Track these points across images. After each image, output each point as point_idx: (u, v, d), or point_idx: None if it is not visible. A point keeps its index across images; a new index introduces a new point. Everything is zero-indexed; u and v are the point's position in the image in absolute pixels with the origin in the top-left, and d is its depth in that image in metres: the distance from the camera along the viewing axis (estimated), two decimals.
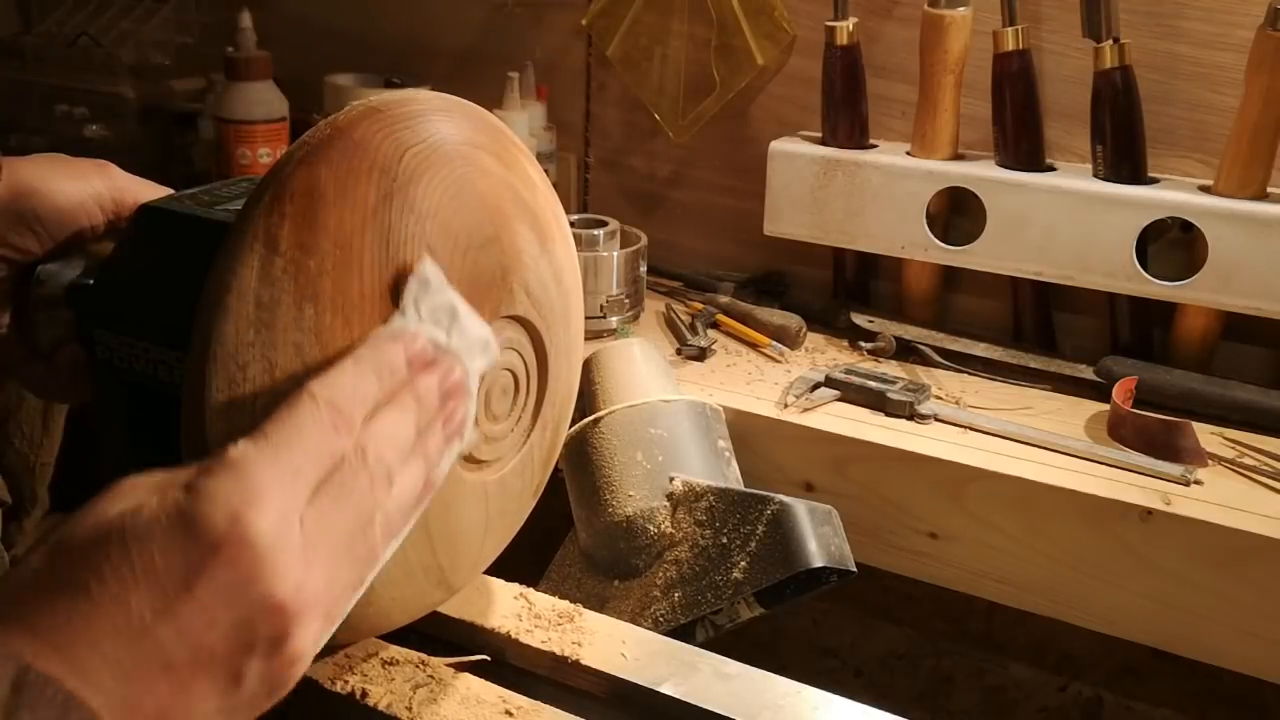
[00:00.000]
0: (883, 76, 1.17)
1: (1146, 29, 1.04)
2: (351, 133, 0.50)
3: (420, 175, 0.51)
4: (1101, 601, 0.89)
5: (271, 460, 0.41)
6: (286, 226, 0.48)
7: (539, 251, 0.59)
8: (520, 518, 0.66)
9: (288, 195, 0.48)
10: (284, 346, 0.48)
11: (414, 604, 0.61)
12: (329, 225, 0.48)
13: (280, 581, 0.40)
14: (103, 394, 0.58)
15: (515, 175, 0.58)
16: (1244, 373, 1.03)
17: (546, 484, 0.67)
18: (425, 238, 0.51)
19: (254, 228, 0.48)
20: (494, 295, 0.56)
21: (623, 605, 0.83)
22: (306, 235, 0.48)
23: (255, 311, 0.47)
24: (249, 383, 0.48)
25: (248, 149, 1.32)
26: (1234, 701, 1.07)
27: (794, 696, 0.60)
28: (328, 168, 0.49)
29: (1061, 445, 0.93)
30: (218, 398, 0.47)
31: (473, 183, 0.54)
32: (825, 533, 0.80)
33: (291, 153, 0.50)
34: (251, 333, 0.47)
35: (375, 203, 0.49)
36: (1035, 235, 1.04)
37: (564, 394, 0.65)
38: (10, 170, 0.60)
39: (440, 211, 0.52)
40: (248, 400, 0.48)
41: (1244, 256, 0.96)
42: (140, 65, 1.51)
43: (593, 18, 1.30)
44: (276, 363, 0.48)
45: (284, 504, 0.40)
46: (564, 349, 0.63)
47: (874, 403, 1.00)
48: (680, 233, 1.34)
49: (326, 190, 0.48)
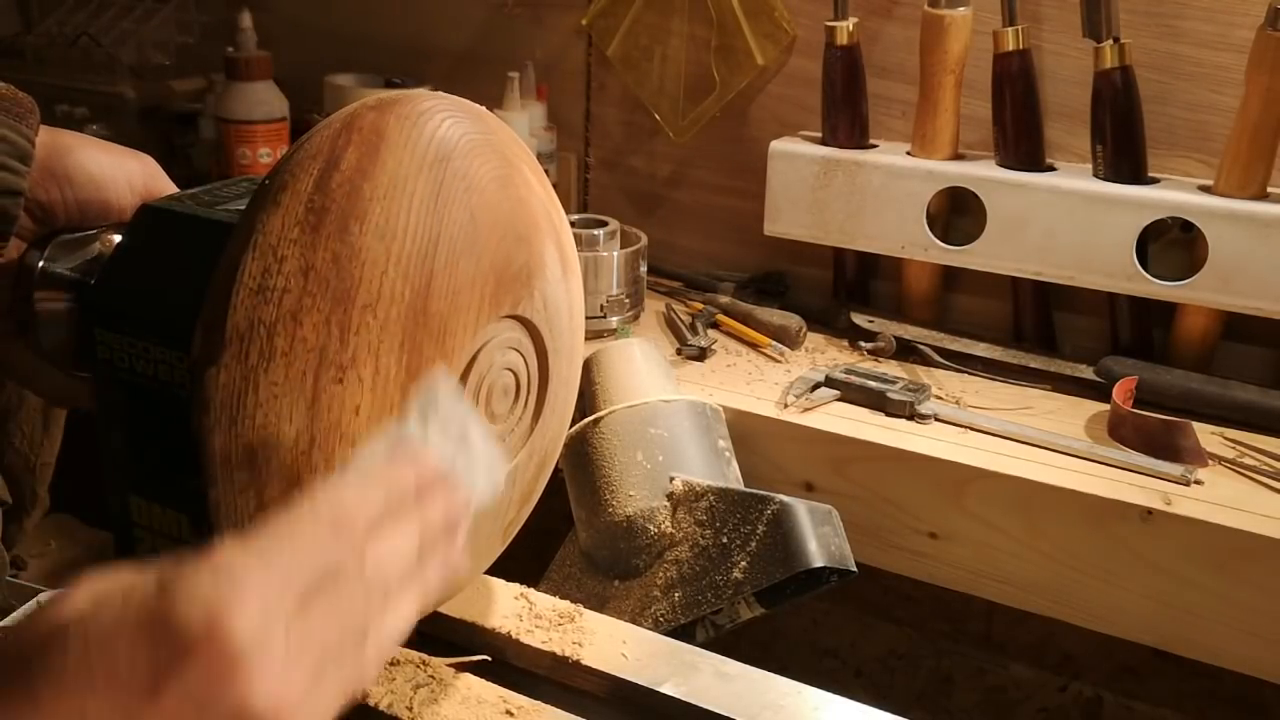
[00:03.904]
0: (883, 76, 1.17)
1: (1146, 29, 1.04)
2: (419, 102, 0.53)
3: (474, 155, 0.54)
4: (1101, 601, 0.89)
5: (259, 562, 0.38)
6: (351, 150, 0.50)
7: (560, 276, 0.61)
8: (486, 554, 0.65)
9: (357, 127, 0.51)
10: (324, 252, 0.48)
11: None
12: (388, 163, 0.51)
13: (258, 688, 0.36)
14: (103, 394, 0.58)
15: (550, 201, 0.61)
16: (1244, 373, 1.03)
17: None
18: (470, 206, 0.53)
19: (320, 144, 0.50)
20: (516, 290, 0.57)
21: (623, 605, 0.83)
22: (368, 163, 0.50)
23: (305, 213, 0.49)
24: (282, 277, 0.48)
25: (248, 149, 1.32)
26: (1234, 701, 1.07)
27: (794, 696, 0.60)
28: (396, 120, 0.52)
29: (1062, 445, 0.93)
30: (249, 284, 0.48)
31: (516, 185, 0.57)
32: (825, 533, 0.80)
33: (364, 101, 0.53)
34: (296, 231, 0.48)
35: (433, 160, 0.52)
36: (1035, 235, 1.04)
37: (556, 427, 0.65)
38: (54, 133, 0.60)
39: (486, 191, 0.54)
40: (276, 294, 0.48)
41: (1244, 256, 0.96)
42: (140, 65, 1.51)
43: (593, 18, 1.30)
44: (313, 265, 0.48)
45: (268, 607, 0.37)
46: (564, 380, 0.64)
47: (874, 403, 1.00)
48: (680, 233, 1.34)
49: (392, 135, 0.51)
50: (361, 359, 0.49)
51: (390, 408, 0.51)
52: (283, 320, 0.48)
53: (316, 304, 0.48)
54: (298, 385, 0.48)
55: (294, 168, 0.50)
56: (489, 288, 0.55)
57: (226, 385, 0.48)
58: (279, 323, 0.48)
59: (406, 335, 0.51)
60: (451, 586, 0.59)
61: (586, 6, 1.31)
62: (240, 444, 0.48)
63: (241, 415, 0.48)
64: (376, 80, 1.40)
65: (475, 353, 0.55)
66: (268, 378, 0.48)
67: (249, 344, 0.48)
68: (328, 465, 0.50)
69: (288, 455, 0.49)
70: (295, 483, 0.49)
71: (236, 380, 0.48)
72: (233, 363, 0.47)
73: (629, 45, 1.28)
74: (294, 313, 0.47)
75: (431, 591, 0.45)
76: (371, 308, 0.49)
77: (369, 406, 0.50)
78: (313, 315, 0.48)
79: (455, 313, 0.53)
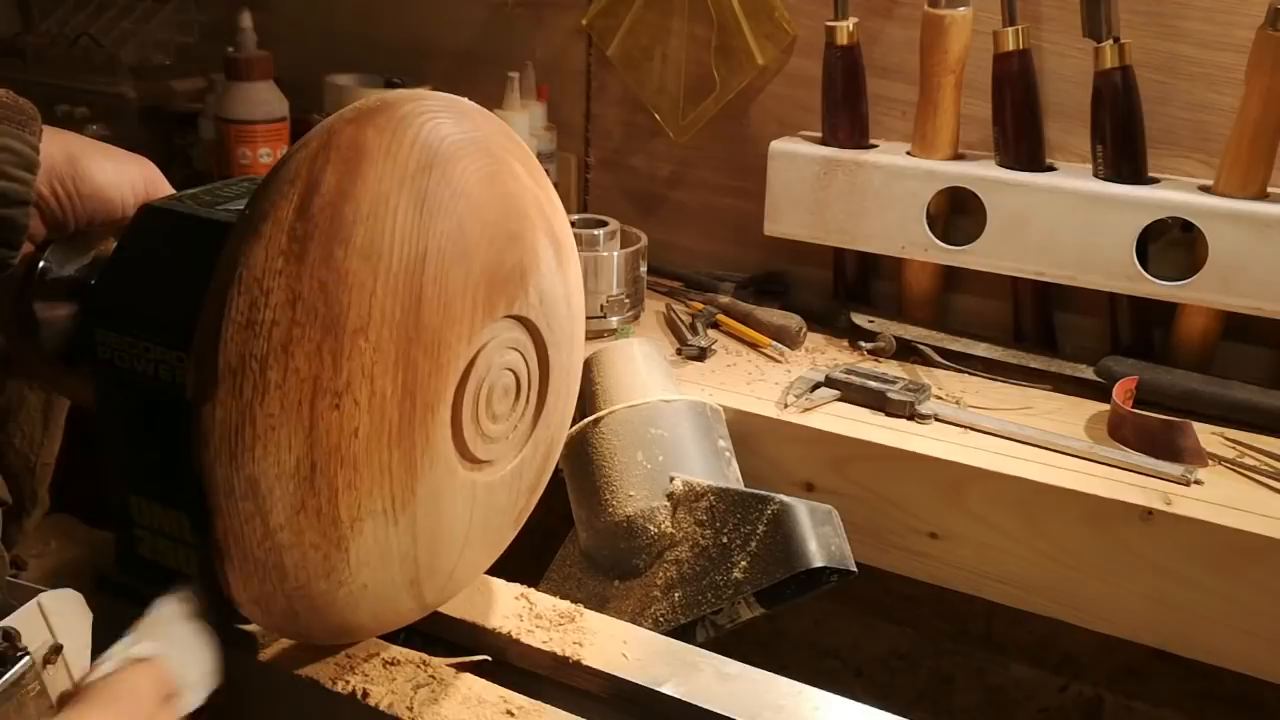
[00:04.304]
0: (883, 76, 1.17)
1: (1146, 29, 1.04)
2: (398, 108, 0.52)
3: (459, 157, 0.53)
4: (1102, 602, 0.89)
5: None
6: (330, 171, 0.49)
7: (555, 266, 0.60)
8: (498, 544, 0.65)
9: (334, 145, 0.50)
10: (310, 281, 0.48)
11: (382, 600, 0.58)
12: (369, 178, 0.50)
13: None
14: (103, 394, 0.58)
15: (541, 190, 0.60)
16: (1244, 373, 1.03)
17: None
18: (457, 213, 0.52)
19: (297, 168, 0.49)
20: (510, 291, 0.57)
21: (623, 605, 0.83)
22: (348, 183, 0.49)
23: (288, 242, 0.48)
24: (269, 310, 0.47)
25: (248, 149, 1.32)
26: (1234, 701, 1.07)
27: (795, 697, 0.60)
28: (375, 131, 0.51)
29: (1062, 445, 0.93)
30: (237, 319, 0.47)
31: (504, 181, 0.56)
32: (825, 533, 0.80)
33: (340, 114, 0.52)
34: (280, 261, 0.48)
35: (415, 170, 0.51)
36: (1035, 235, 1.04)
37: (560, 414, 0.65)
38: (61, 140, 0.60)
39: (473, 194, 0.53)
40: (265, 326, 0.47)
41: (1244, 256, 0.96)
42: (140, 65, 1.51)
43: (593, 18, 1.30)
44: (301, 295, 0.48)
45: None
46: (565, 369, 0.63)
47: (874, 403, 1.00)
48: (680, 233, 1.34)
49: (372, 148, 0.50)
50: (356, 383, 0.49)
51: (388, 426, 0.51)
52: (274, 353, 0.47)
53: (307, 334, 0.48)
54: (294, 415, 0.48)
55: (273, 194, 0.49)
56: (482, 293, 0.54)
57: (223, 420, 0.47)
58: (270, 355, 0.47)
59: (400, 354, 0.50)
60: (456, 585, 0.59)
61: (586, 6, 1.31)
62: (242, 475, 0.48)
63: (241, 448, 0.48)
64: (376, 80, 1.40)
65: (472, 358, 0.55)
66: (264, 410, 0.47)
67: (242, 379, 0.47)
68: (330, 488, 0.50)
69: (290, 483, 0.49)
70: (299, 509, 0.49)
71: (233, 415, 0.47)
72: (227, 398, 0.47)
73: (629, 45, 1.28)
74: (285, 344, 0.47)
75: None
76: (363, 331, 0.49)
77: (368, 427, 0.50)
78: (304, 345, 0.48)
79: (449, 324, 0.53)
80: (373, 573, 0.54)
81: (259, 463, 0.48)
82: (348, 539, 0.51)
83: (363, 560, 0.52)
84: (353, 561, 0.51)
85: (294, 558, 0.50)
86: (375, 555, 0.54)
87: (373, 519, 0.52)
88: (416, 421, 0.52)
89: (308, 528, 0.50)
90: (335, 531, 0.50)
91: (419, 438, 0.52)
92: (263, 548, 0.49)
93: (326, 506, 0.50)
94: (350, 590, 0.54)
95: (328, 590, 0.52)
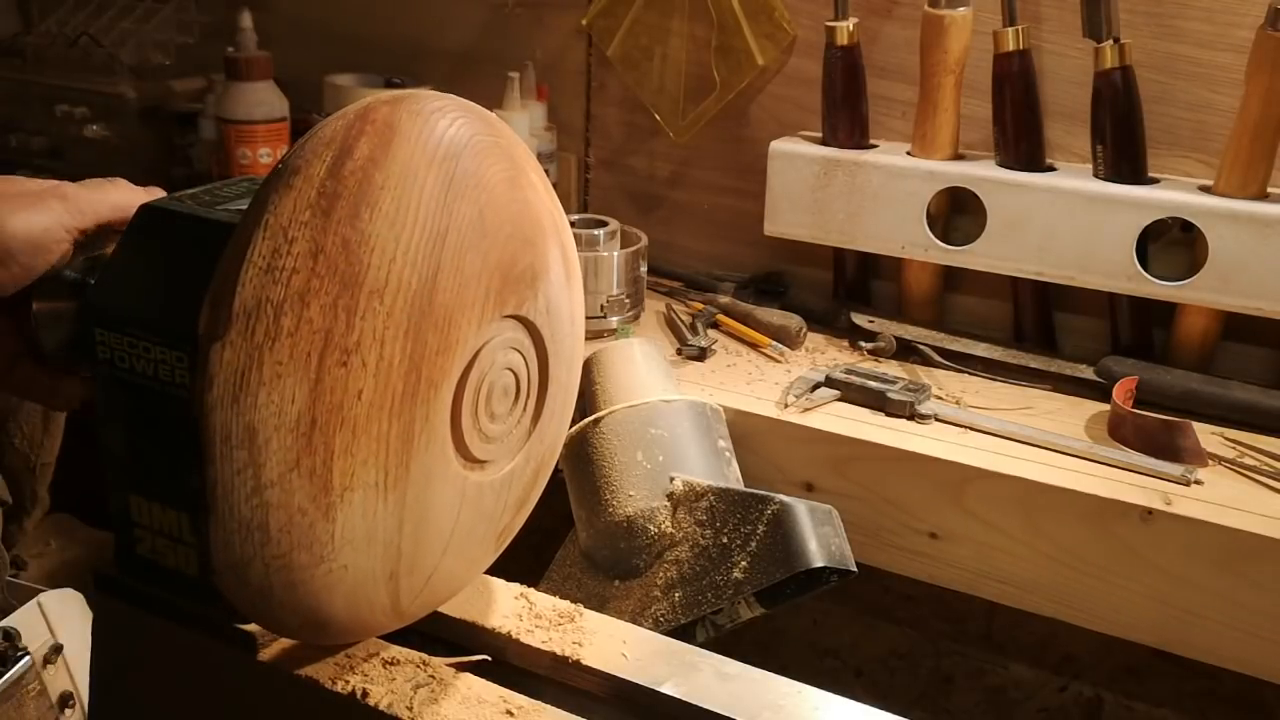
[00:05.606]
0: (883, 76, 1.17)
1: (1146, 29, 1.04)
2: (430, 100, 0.54)
3: (485, 155, 0.55)
4: (1101, 601, 0.89)
5: None
6: (364, 141, 0.50)
7: (564, 281, 0.61)
8: (479, 561, 0.64)
9: (370, 119, 0.51)
10: (334, 236, 0.49)
11: (359, 589, 0.56)
12: (400, 153, 0.51)
13: None
14: (103, 394, 0.58)
15: (555, 207, 0.61)
16: (1244, 373, 1.03)
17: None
18: (479, 203, 0.54)
19: (333, 133, 0.50)
20: (520, 290, 0.58)
21: (623, 605, 0.83)
22: (380, 153, 0.51)
23: (317, 197, 0.49)
24: (291, 258, 0.48)
25: (248, 149, 1.32)
26: (1234, 701, 1.07)
27: (794, 697, 0.60)
28: (409, 115, 0.52)
29: (1062, 445, 0.93)
30: (258, 262, 0.48)
31: (523, 187, 0.57)
32: (825, 533, 0.80)
33: (377, 95, 0.54)
34: (308, 214, 0.49)
35: (444, 156, 0.53)
36: (1035, 235, 1.04)
37: (554, 433, 0.65)
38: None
39: (495, 190, 0.55)
40: (285, 274, 0.48)
41: (1244, 256, 0.96)
42: (140, 65, 1.51)
43: (593, 18, 1.30)
44: (323, 249, 0.49)
45: None
46: (563, 385, 0.64)
47: (874, 403, 1.00)
48: (680, 233, 1.34)
49: (406, 129, 0.52)
50: (366, 344, 0.50)
51: (392, 395, 0.51)
52: (290, 300, 0.48)
53: (325, 286, 0.49)
54: (302, 366, 0.49)
55: (308, 153, 0.50)
56: (494, 285, 0.55)
57: (231, 362, 0.48)
58: (286, 302, 0.48)
59: (411, 324, 0.51)
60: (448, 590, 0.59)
61: (586, 6, 1.31)
62: (241, 422, 0.48)
63: (244, 393, 0.48)
64: (376, 80, 1.40)
65: (478, 350, 0.56)
66: (272, 356, 0.48)
67: (255, 321, 0.48)
68: (327, 449, 0.50)
69: (288, 436, 0.49)
70: (293, 466, 0.49)
71: (241, 357, 0.48)
72: (238, 339, 0.48)
73: (629, 45, 1.28)
74: (302, 294, 0.48)
75: None
76: (379, 294, 0.50)
77: (371, 392, 0.50)
78: (320, 297, 0.49)
79: (460, 306, 0.54)
80: (355, 554, 0.54)
81: (260, 409, 0.48)
82: (336, 508, 0.51)
83: (347, 537, 0.52)
84: (337, 536, 0.51)
85: (280, 519, 0.50)
86: (360, 533, 0.53)
87: (364, 491, 0.52)
88: (419, 397, 0.53)
89: (298, 488, 0.50)
90: (325, 498, 0.51)
91: (419, 414, 0.53)
92: (250, 504, 0.49)
93: (320, 468, 0.50)
94: (330, 569, 0.53)
95: (308, 565, 0.51)
